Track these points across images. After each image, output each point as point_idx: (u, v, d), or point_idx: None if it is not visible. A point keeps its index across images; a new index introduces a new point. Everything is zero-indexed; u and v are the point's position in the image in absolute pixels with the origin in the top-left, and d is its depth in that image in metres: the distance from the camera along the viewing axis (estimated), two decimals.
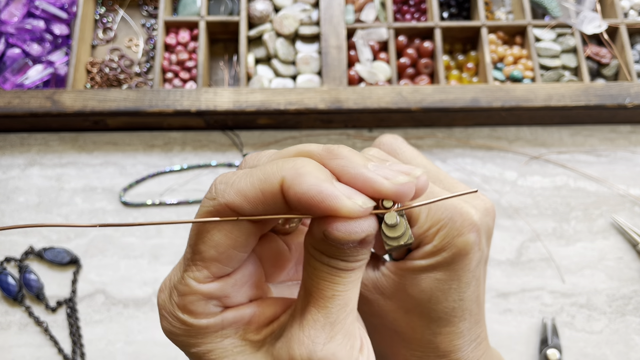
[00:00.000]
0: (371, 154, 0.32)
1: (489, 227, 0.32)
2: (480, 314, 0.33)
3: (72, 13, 0.73)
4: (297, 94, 0.65)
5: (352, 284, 0.26)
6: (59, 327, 0.61)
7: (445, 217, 0.30)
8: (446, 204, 0.31)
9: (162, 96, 0.65)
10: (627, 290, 0.62)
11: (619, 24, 0.72)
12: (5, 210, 0.66)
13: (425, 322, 0.32)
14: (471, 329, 0.33)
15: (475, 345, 0.33)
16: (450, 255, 0.31)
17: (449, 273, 0.31)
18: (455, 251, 0.30)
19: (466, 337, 0.33)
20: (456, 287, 0.31)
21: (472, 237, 0.30)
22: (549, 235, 0.64)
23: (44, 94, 0.65)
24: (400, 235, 0.28)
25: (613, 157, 0.69)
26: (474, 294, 0.32)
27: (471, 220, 0.30)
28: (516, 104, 0.65)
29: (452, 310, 0.32)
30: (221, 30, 0.74)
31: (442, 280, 0.31)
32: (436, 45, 0.71)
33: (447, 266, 0.31)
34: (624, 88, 0.66)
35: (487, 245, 0.32)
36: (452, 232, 0.30)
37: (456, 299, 0.32)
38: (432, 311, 0.32)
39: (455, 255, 0.30)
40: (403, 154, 0.34)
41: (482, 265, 0.33)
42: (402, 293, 0.32)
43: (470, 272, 0.31)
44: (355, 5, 0.74)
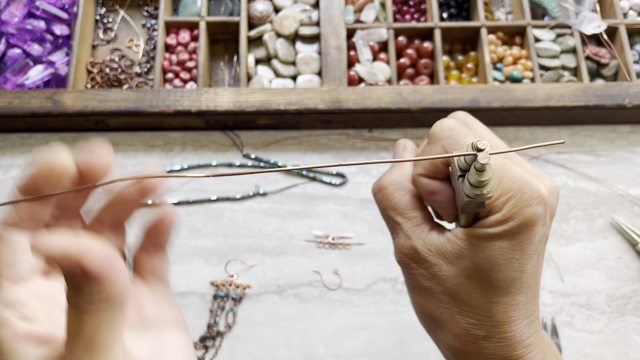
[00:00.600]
0: (447, 123, 0.35)
1: (553, 206, 0.34)
2: (536, 291, 0.34)
3: (72, 13, 0.73)
4: (297, 94, 0.66)
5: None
6: None
7: (515, 188, 0.32)
8: (517, 176, 0.32)
9: (163, 96, 0.66)
10: (627, 290, 0.62)
11: (619, 24, 0.72)
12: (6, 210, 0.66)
13: (484, 289, 0.33)
14: (527, 304, 0.34)
15: (529, 322, 0.34)
16: (517, 225, 0.32)
17: (513, 243, 0.32)
18: (522, 221, 0.32)
19: (521, 311, 0.34)
20: (519, 258, 0.33)
21: (540, 209, 0.32)
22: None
23: (45, 94, 0.66)
24: (485, 182, 0.29)
25: (612, 157, 0.69)
26: (534, 269, 0.33)
27: (540, 193, 0.32)
28: (516, 104, 0.65)
29: (512, 281, 0.33)
30: (221, 30, 0.74)
31: (506, 249, 0.32)
32: (436, 46, 0.71)
33: (513, 236, 0.32)
34: (624, 88, 0.66)
35: (550, 224, 0.34)
36: (521, 202, 0.32)
37: (517, 270, 0.33)
38: (492, 279, 0.33)
39: (522, 226, 0.32)
40: (476, 128, 0.36)
41: (543, 241, 0.34)
42: (466, 259, 0.34)
43: (533, 244, 0.32)
44: (355, 5, 0.74)
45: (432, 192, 0.35)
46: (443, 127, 0.35)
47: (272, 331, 0.60)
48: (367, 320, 0.61)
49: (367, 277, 0.62)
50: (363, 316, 0.61)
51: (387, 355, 0.59)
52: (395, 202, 0.36)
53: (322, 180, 0.67)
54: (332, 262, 0.63)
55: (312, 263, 0.63)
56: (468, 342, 0.34)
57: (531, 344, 0.34)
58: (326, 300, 0.61)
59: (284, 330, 0.60)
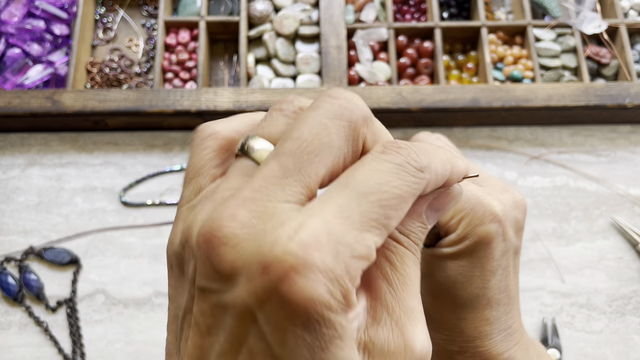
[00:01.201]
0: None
1: (517, 219, 0.34)
2: (510, 305, 0.34)
3: (72, 13, 0.73)
4: (297, 94, 0.65)
5: None
6: (59, 327, 0.61)
7: (467, 207, 0.32)
8: (469, 195, 0.32)
9: (162, 96, 0.65)
10: (627, 290, 0.62)
11: (619, 24, 0.72)
12: (5, 210, 0.66)
13: (450, 307, 0.33)
14: (499, 318, 0.34)
15: (506, 336, 0.34)
16: (472, 244, 0.32)
17: (472, 260, 0.32)
18: (476, 239, 0.32)
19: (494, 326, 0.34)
20: (479, 275, 0.33)
21: (493, 227, 0.32)
22: (548, 235, 0.65)
23: (44, 94, 0.65)
24: None
25: (613, 157, 0.69)
26: (501, 284, 0.33)
27: (492, 210, 0.32)
28: (516, 104, 0.65)
29: (476, 297, 0.33)
30: (221, 30, 0.74)
31: (465, 267, 0.33)
32: (436, 46, 0.71)
33: (471, 254, 0.32)
34: (624, 88, 0.66)
35: (516, 237, 0.34)
36: (474, 221, 0.32)
37: (480, 287, 0.33)
38: (456, 297, 0.33)
39: (477, 244, 0.32)
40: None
41: (510, 256, 0.34)
42: (430, 278, 0.34)
43: (494, 260, 0.33)
44: (355, 5, 0.74)
45: None
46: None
47: None
48: None
49: None
50: None
51: None
52: None
53: None
54: None
55: None
56: (443, 358, 0.35)
57: (510, 357, 0.34)
58: None
59: None
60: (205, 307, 0.21)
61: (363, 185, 0.20)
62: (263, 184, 0.21)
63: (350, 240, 0.19)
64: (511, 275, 0.34)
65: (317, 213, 0.19)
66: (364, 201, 0.20)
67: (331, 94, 0.23)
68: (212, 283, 0.20)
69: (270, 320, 0.19)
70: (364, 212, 0.20)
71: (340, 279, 0.19)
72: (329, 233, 0.19)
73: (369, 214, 0.20)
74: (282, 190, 0.21)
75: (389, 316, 0.22)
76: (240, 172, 0.23)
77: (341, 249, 0.19)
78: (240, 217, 0.20)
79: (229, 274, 0.20)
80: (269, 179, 0.21)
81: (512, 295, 0.34)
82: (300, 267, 0.18)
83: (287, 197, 0.20)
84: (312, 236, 0.19)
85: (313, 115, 0.22)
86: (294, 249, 0.18)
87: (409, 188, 0.21)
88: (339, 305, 0.19)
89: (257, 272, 0.19)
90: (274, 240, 0.19)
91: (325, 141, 0.21)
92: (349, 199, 0.20)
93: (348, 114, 0.22)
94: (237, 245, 0.19)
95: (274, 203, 0.20)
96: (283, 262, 0.18)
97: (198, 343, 0.21)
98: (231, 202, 0.21)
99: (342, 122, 0.22)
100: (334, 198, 0.20)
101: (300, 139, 0.21)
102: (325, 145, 0.21)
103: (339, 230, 0.19)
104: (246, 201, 0.20)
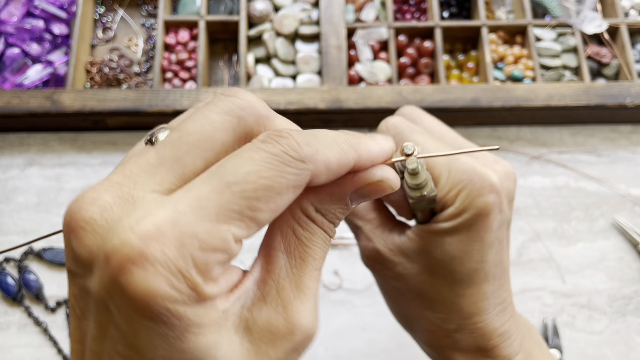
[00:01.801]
0: (393, 122, 0.34)
1: (510, 190, 0.33)
2: (504, 278, 0.34)
3: (71, 13, 0.73)
4: (297, 94, 0.65)
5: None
6: (59, 328, 0.61)
7: (465, 179, 0.31)
8: (466, 167, 0.31)
9: (162, 96, 0.65)
10: (628, 291, 0.62)
11: (620, 24, 0.72)
12: (5, 210, 0.66)
13: (448, 284, 0.33)
14: (495, 292, 0.33)
15: (501, 310, 0.34)
16: (471, 216, 0.31)
17: (470, 234, 0.32)
18: (476, 212, 0.31)
19: (490, 300, 0.33)
20: (478, 249, 0.32)
21: (492, 197, 0.31)
22: (549, 235, 0.64)
23: (44, 94, 0.65)
24: (421, 184, 0.30)
25: (614, 157, 0.69)
26: (497, 257, 0.33)
27: (490, 181, 0.31)
28: (517, 104, 0.65)
29: (475, 272, 0.32)
30: (221, 29, 0.74)
31: (464, 241, 0.32)
32: (436, 45, 0.71)
33: (469, 227, 0.31)
34: (625, 88, 0.66)
35: (509, 209, 0.33)
36: (473, 192, 0.31)
37: (479, 260, 0.32)
38: (455, 272, 0.32)
39: (476, 216, 0.31)
40: (423, 122, 0.36)
41: (504, 228, 0.33)
42: (427, 255, 0.33)
43: (492, 233, 0.32)
44: (355, 4, 0.74)
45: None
46: (388, 126, 0.34)
47: None
48: (367, 321, 0.60)
49: (367, 277, 0.62)
50: (363, 317, 0.61)
51: (388, 356, 0.59)
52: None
53: None
54: (332, 262, 0.63)
55: None
56: (441, 337, 0.34)
57: (506, 331, 0.33)
58: (326, 300, 0.61)
59: None
60: (75, 290, 0.20)
61: (230, 175, 0.19)
62: (135, 170, 0.20)
63: (200, 232, 0.18)
64: (505, 247, 0.34)
65: (170, 203, 0.19)
66: (226, 191, 0.19)
67: (228, 92, 0.23)
68: (75, 267, 0.20)
69: (121, 312, 0.18)
70: (223, 202, 0.19)
71: (185, 271, 0.18)
72: (174, 224, 0.18)
73: (230, 204, 0.19)
74: (151, 178, 0.20)
75: (277, 293, 0.22)
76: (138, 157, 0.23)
77: (187, 240, 0.18)
78: (102, 202, 0.19)
79: (86, 260, 0.19)
80: (143, 165, 0.21)
81: (505, 268, 0.34)
82: (137, 258, 0.18)
83: (155, 186, 0.20)
84: (154, 226, 0.18)
85: (203, 110, 0.22)
86: (131, 240, 0.18)
87: (284, 179, 0.20)
88: (186, 297, 0.18)
89: (103, 261, 0.18)
90: (117, 229, 0.18)
91: (208, 134, 0.21)
92: (211, 188, 0.19)
93: (238, 110, 0.22)
94: (93, 231, 0.19)
95: (140, 191, 0.20)
96: (121, 252, 0.18)
97: (76, 324, 0.21)
98: (99, 185, 0.20)
99: (230, 117, 0.22)
100: (197, 187, 0.19)
101: (183, 130, 0.21)
102: (207, 138, 0.21)
103: (188, 221, 0.18)
104: (113, 186, 0.20)
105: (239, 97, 0.23)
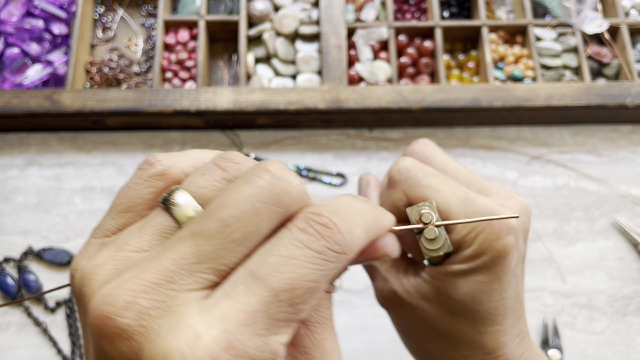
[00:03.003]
0: (404, 165, 0.34)
1: (526, 226, 0.33)
2: (521, 310, 0.34)
3: (71, 12, 0.72)
4: (297, 94, 0.65)
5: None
6: (58, 328, 0.61)
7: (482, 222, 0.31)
8: (482, 210, 0.32)
9: (162, 96, 0.65)
10: (628, 291, 0.62)
11: (620, 24, 0.71)
12: (4, 210, 0.66)
13: (470, 323, 0.33)
14: (514, 325, 0.34)
15: (519, 341, 0.34)
16: (490, 259, 0.31)
17: (489, 275, 0.32)
18: (495, 254, 0.31)
19: (510, 334, 0.34)
20: (497, 288, 0.32)
21: (511, 239, 0.31)
22: (549, 236, 0.64)
23: (43, 94, 0.65)
24: (439, 247, 0.31)
25: (614, 157, 0.69)
26: (515, 292, 0.33)
27: (508, 223, 0.31)
28: (517, 104, 0.65)
29: (495, 310, 0.33)
30: (221, 29, 0.74)
31: (483, 282, 0.32)
32: (437, 45, 0.71)
33: (488, 269, 0.32)
34: (625, 88, 0.66)
35: (524, 244, 0.34)
36: (491, 236, 0.31)
37: (498, 299, 0.32)
38: (476, 312, 0.33)
39: (495, 258, 0.31)
40: (436, 161, 0.36)
41: (520, 263, 0.34)
42: (445, 296, 0.33)
43: (510, 272, 0.32)
44: (356, 4, 0.74)
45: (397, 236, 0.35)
46: (400, 170, 0.34)
47: None
48: (367, 321, 0.60)
49: (367, 277, 0.62)
50: (363, 317, 0.60)
51: (388, 356, 0.59)
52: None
53: (322, 181, 0.67)
54: None
55: None
56: None
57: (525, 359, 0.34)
58: None
59: None
60: None
61: (274, 281, 0.18)
62: (171, 267, 0.19)
63: (252, 350, 0.18)
64: (520, 281, 0.34)
65: (218, 320, 0.18)
66: (273, 302, 0.18)
67: (269, 168, 0.20)
68: None
69: None
70: (272, 314, 0.18)
71: None
72: (229, 347, 0.17)
73: (278, 315, 0.18)
74: (190, 277, 0.19)
75: None
76: (155, 231, 0.21)
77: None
78: (138, 307, 0.18)
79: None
80: (180, 262, 0.19)
81: (521, 299, 0.34)
82: None
83: (193, 285, 0.19)
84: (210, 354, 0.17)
85: (246, 194, 0.20)
86: None
87: (327, 274, 0.19)
88: None
89: None
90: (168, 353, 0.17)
91: (253, 229, 0.19)
92: (258, 299, 0.18)
93: (286, 199, 0.20)
94: (131, 339, 0.18)
95: (177, 292, 0.19)
96: None
97: None
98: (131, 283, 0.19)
99: (276, 208, 0.20)
100: (241, 297, 0.18)
101: (227, 222, 0.19)
102: (252, 234, 0.19)
103: (241, 342, 0.18)
104: (148, 287, 0.19)
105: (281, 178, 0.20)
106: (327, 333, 0.22)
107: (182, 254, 0.19)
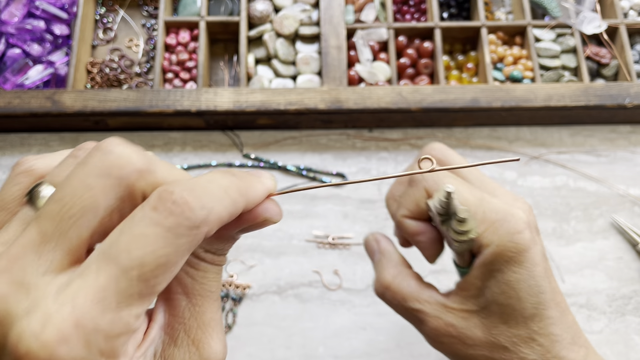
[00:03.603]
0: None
1: (535, 223, 0.36)
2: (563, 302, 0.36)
3: (72, 13, 0.73)
4: (297, 94, 0.65)
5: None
6: None
7: (500, 218, 0.34)
8: (497, 207, 0.34)
9: (162, 96, 0.65)
10: (627, 290, 0.62)
11: (619, 24, 0.72)
12: None
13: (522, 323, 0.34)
14: (561, 317, 0.35)
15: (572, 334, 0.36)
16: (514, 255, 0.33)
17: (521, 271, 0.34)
18: (519, 247, 0.33)
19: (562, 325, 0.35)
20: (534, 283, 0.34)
21: (527, 233, 0.33)
22: (548, 235, 0.65)
23: (44, 94, 0.65)
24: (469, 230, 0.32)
25: (613, 157, 0.69)
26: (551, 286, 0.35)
27: (522, 218, 0.34)
28: (516, 104, 0.65)
29: (539, 304, 0.34)
30: (221, 30, 0.74)
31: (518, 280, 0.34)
32: (436, 46, 0.71)
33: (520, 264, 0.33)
34: (624, 88, 0.66)
35: (540, 239, 0.35)
36: (510, 229, 0.33)
37: (537, 293, 0.34)
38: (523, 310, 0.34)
39: (519, 252, 0.33)
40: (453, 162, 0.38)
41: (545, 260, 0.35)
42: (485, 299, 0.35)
43: (539, 265, 0.34)
44: (355, 5, 0.74)
45: (416, 233, 0.37)
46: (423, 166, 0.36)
47: (272, 331, 0.60)
48: (367, 321, 0.61)
49: (367, 277, 0.62)
50: (363, 316, 0.61)
51: (387, 356, 0.59)
52: (407, 292, 0.37)
53: (322, 181, 0.67)
54: (332, 262, 0.63)
55: (312, 263, 0.63)
56: None
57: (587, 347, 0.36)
58: (326, 300, 0.61)
59: (284, 330, 0.60)
60: None
61: (125, 258, 0.19)
62: (20, 251, 0.20)
63: (103, 325, 0.19)
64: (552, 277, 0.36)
65: (68, 297, 0.19)
66: (123, 278, 0.19)
67: (102, 148, 0.21)
68: None
69: None
70: (122, 289, 0.19)
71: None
72: (77, 324, 0.18)
73: (129, 290, 0.19)
74: (39, 258, 0.20)
75: (185, 334, 0.22)
76: (20, 223, 0.22)
77: (92, 337, 0.18)
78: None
79: None
80: (27, 245, 0.20)
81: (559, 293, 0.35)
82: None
83: (45, 267, 0.20)
84: (59, 331, 0.18)
85: (79, 173, 0.21)
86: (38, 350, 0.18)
87: (181, 249, 0.20)
88: None
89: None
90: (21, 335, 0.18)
91: (89, 203, 0.20)
92: (108, 276, 0.19)
93: (117, 171, 0.21)
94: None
95: (30, 276, 0.19)
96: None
97: None
98: None
99: (110, 180, 0.21)
100: (92, 274, 0.19)
101: (62, 200, 0.20)
102: (89, 208, 0.20)
103: (90, 318, 0.18)
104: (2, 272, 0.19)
105: (117, 153, 0.21)
106: (207, 305, 0.23)
107: (28, 237, 0.20)
